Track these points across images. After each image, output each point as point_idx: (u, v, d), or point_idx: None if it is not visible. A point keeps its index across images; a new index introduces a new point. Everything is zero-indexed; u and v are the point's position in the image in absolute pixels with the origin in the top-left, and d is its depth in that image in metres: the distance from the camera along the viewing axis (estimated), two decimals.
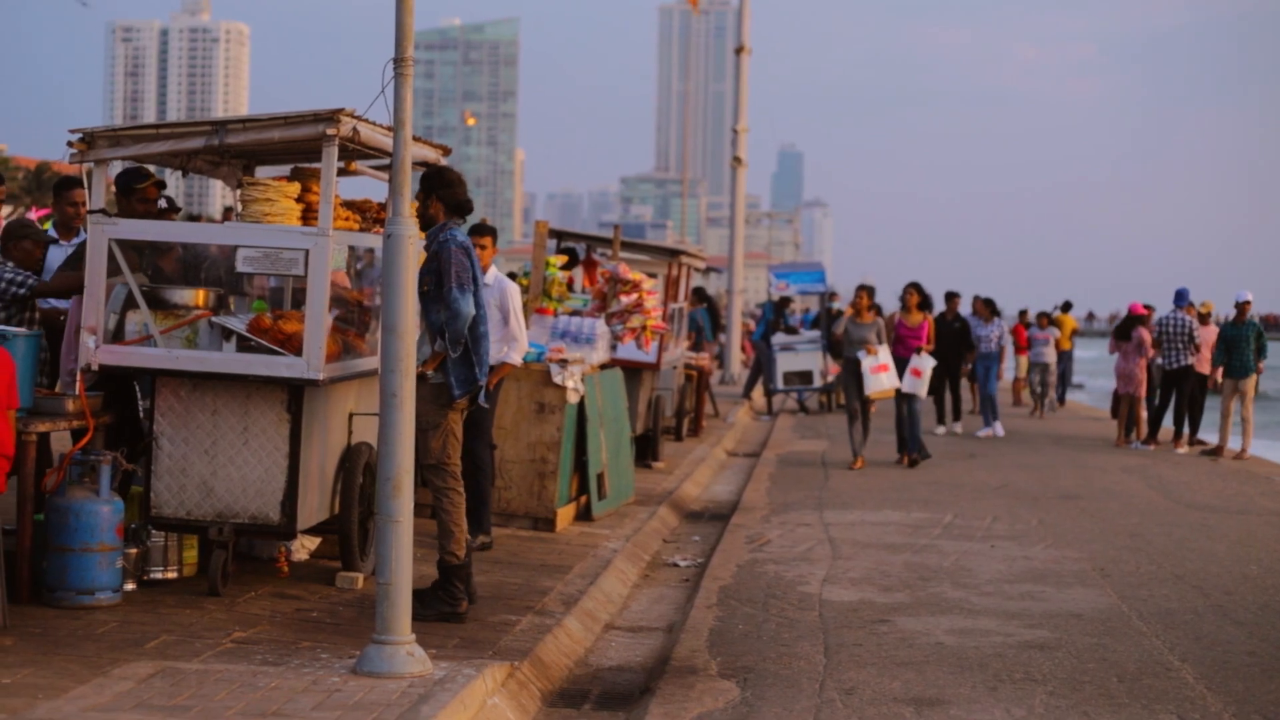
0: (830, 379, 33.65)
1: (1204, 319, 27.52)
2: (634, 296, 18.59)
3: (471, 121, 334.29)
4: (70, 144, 10.42)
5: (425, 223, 10.71)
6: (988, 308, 31.07)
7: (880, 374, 22.05)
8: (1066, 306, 40.90)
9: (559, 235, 22.16)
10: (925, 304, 23.93)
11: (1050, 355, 35.06)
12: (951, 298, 30.16)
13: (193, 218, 12.34)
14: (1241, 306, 25.61)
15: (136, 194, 11.44)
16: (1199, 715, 9.02)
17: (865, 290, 22.71)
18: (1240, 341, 25.38)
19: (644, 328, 18.72)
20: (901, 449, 23.02)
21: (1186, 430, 27.15)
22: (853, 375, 22.27)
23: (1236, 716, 9.01)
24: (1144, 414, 27.99)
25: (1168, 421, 27.59)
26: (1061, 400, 39.44)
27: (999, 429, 29.16)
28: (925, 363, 22.99)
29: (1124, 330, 28.01)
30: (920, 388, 22.92)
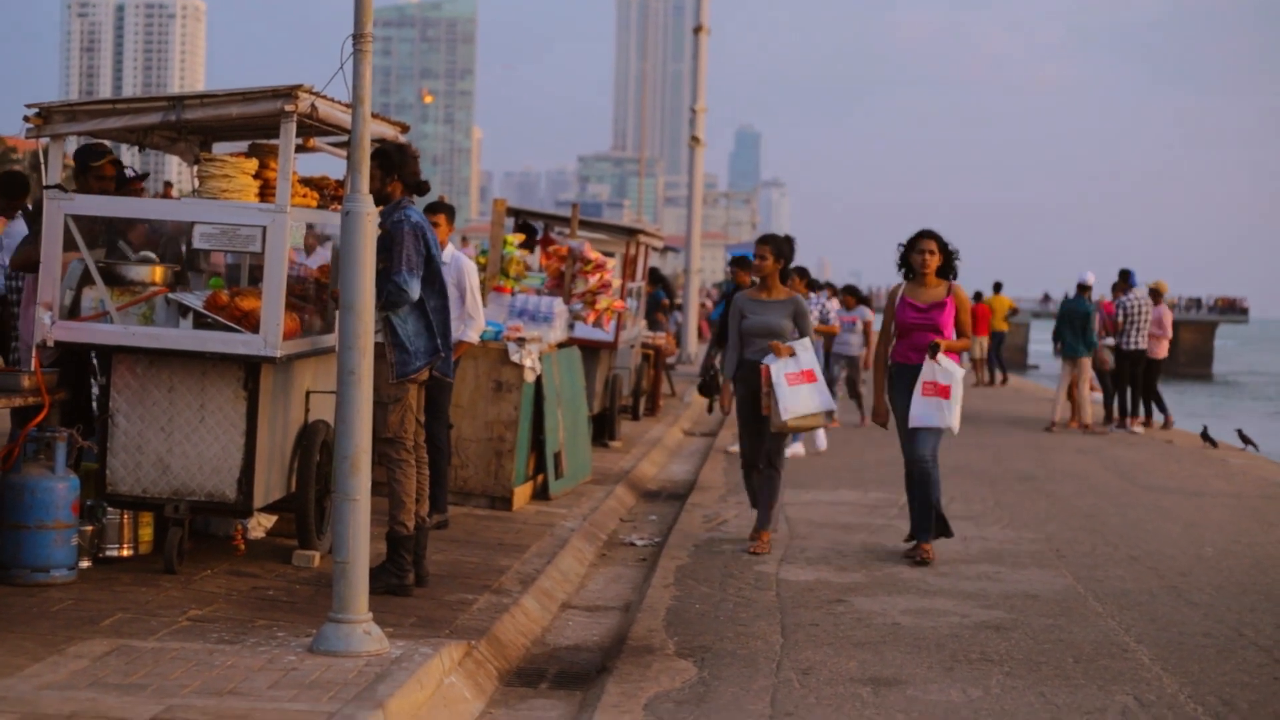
0: None
1: (1157, 297, 27.60)
2: (598, 277, 18.58)
3: (429, 99, 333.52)
4: (26, 119, 10.36)
5: (379, 199, 10.70)
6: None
7: (800, 387, 13.21)
8: (997, 287, 41.77)
9: (517, 213, 22.10)
10: (948, 268, 13.57)
11: (856, 345, 26.67)
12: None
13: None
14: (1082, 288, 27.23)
15: (93, 171, 11.43)
16: (1155, 696, 9.05)
17: (767, 245, 13.66)
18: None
19: (606, 307, 18.73)
20: (921, 530, 13.46)
21: (1142, 411, 27.42)
22: (751, 392, 13.54)
23: (1192, 698, 9.04)
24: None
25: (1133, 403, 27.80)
26: (1003, 379, 40.62)
27: (799, 448, 21.38)
28: (952, 372, 13.24)
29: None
30: (948, 415, 13.21)
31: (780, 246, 13.72)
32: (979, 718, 8.51)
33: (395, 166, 10.57)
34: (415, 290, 10.45)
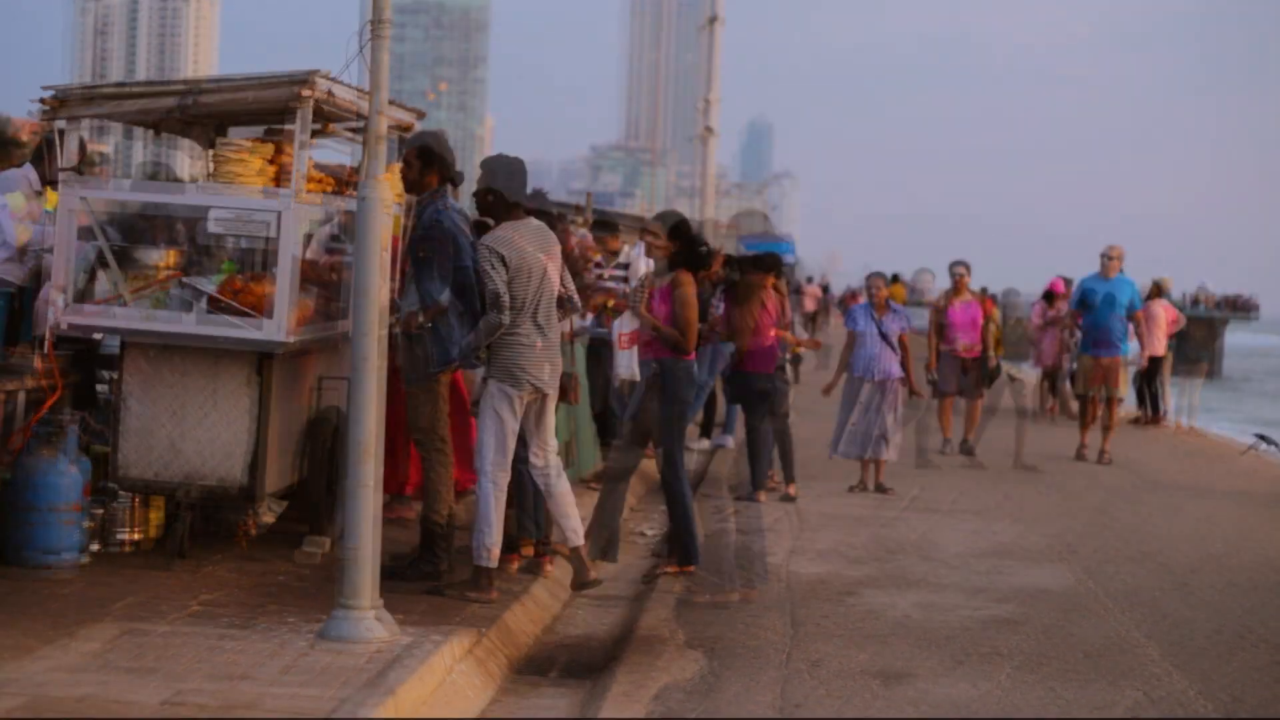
0: (801, 352, 33.51)
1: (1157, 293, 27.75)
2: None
3: (443, 87, 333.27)
4: (42, 101, 10.35)
5: (414, 188, 10.71)
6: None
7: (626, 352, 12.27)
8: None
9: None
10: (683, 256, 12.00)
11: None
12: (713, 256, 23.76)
13: (154, 177, 12.33)
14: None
15: None
16: (1164, 692, 9.05)
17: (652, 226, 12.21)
18: None
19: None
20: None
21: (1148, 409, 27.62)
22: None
23: (1201, 694, 9.04)
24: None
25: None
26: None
27: (729, 440, 20.85)
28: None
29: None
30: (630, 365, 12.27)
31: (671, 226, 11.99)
32: (988, 711, 8.51)
33: (436, 159, 10.61)
34: (445, 299, 10.51)
